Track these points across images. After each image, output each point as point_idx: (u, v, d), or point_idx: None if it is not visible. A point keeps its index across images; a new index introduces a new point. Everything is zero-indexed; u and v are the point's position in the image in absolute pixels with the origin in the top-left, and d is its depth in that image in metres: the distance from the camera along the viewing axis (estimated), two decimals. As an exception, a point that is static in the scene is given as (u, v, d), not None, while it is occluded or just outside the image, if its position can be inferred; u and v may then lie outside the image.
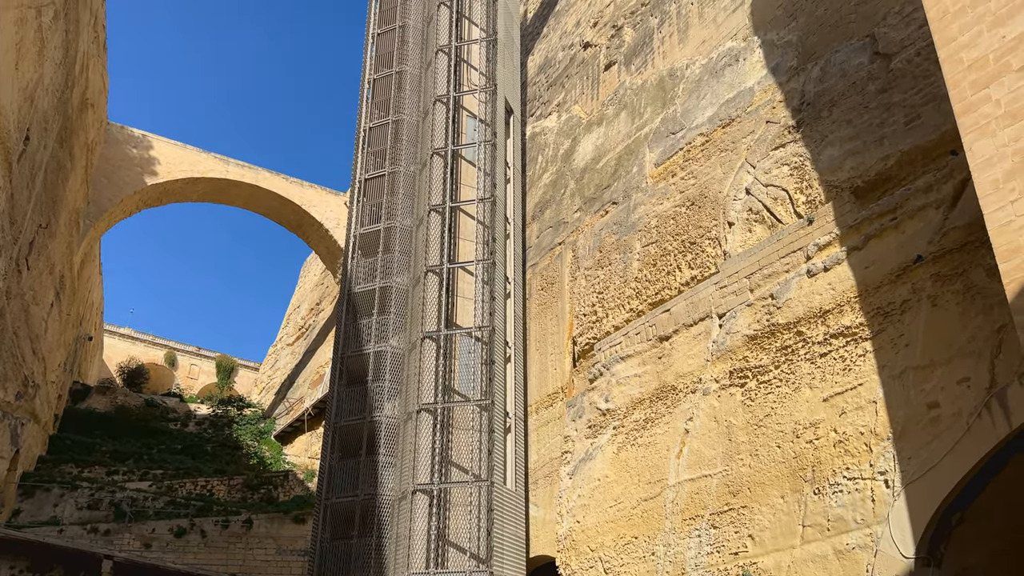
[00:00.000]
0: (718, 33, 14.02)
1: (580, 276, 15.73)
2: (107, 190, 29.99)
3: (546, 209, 18.26)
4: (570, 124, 18.63)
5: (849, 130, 10.27)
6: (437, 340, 14.57)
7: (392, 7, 19.18)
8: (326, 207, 36.59)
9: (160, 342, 64.64)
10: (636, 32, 17.09)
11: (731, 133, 12.62)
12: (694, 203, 12.91)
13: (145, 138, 32.12)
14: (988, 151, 6.72)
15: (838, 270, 9.72)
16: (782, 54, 12.10)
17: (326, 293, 43.06)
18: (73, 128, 21.77)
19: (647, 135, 15.12)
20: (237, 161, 34.60)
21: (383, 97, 18.60)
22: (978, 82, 6.96)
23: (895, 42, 10.01)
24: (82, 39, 20.21)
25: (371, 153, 18.29)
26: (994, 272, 7.43)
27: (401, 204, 17.22)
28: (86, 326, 39.63)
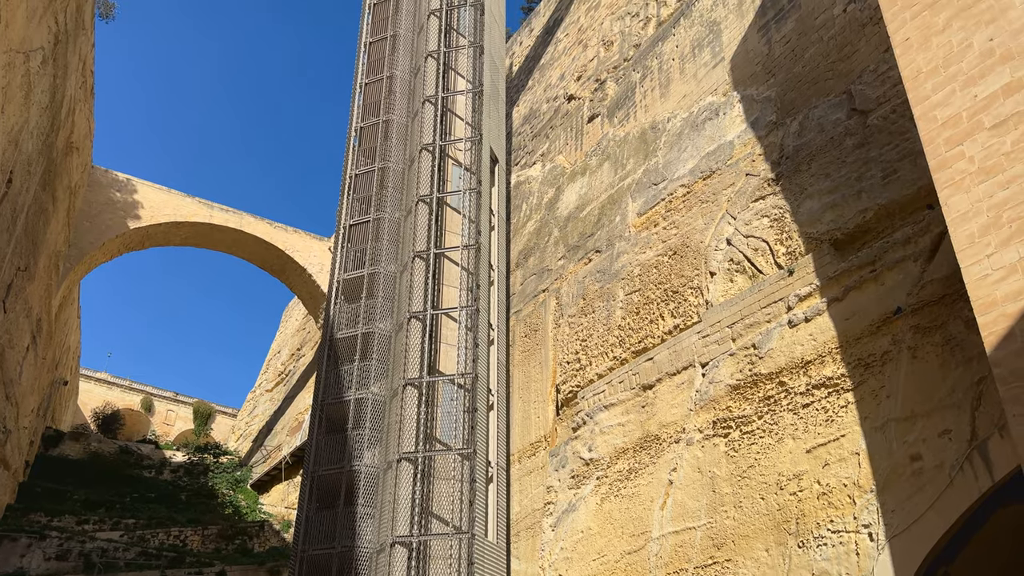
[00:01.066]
0: (699, 88, 14.34)
1: (564, 323, 15.73)
2: (89, 233, 29.81)
3: (530, 256, 18.35)
4: (554, 173, 18.86)
5: (828, 183, 10.46)
6: (419, 387, 14.43)
7: (380, 58, 19.49)
8: (310, 252, 36.55)
9: (137, 387, 63.56)
10: (619, 86, 17.45)
11: (712, 185, 12.82)
12: (676, 252, 13.03)
13: (129, 182, 32.10)
14: (963, 206, 6.86)
15: (819, 321, 9.79)
16: (761, 109, 12.38)
17: (307, 338, 42.72)
18: (57, 171, 21.73)
19: (630, 185, 15.32)
20: (221, 206, 34.61)
21: (369, 145, 18.76)
22: (952, 139, 7.15)
23: (871, 99, 10.29)
24: (69, 83, 20.32)
25: (356, 199, 18.36)
26: (973, 325, 7.52)
27: (385, 250, 17.23)
28: (62, 370, 38.95)
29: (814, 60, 11.65)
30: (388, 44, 19.31)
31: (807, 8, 12.21)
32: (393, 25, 19.43)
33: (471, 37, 18.89)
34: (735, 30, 13.89)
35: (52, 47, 16.78)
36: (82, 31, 20.92)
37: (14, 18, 13.34)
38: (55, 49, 17.14)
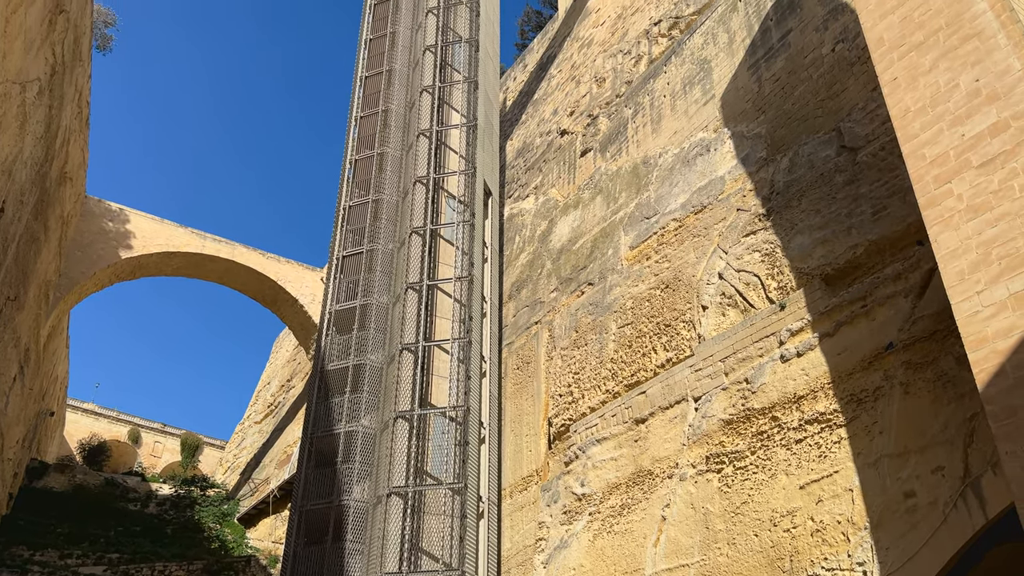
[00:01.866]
0: (690, 124, 14.51)
1: (556, 356, 15.69)
2: (80, 263, 29.69)
3: (523, 288, 18.36)
4: (547, 206, 18.96)
5: (818, 219, 10.55)
6: (411, 420, 14.31)
7: (375, 92, 19.67)
8: (302, 283, 36.47)
9: (124, 418, 62.83)
10: (611, 121, 17.65)
11: (703, 219, 12.91)
12: (668, 286, 13.06)
13: (122, 212, 32.08)
14: (953, 243, 6.92)
15: (811, 356, 9.80)
16: (752, 145, 12.52)
17: (297, 370, 42.43)
18: (50, 201, 21.72)
19: (622, 219, 15.41)
20: (214, 236, 34.58)
21: (364, 177, 18.84)
22: (941, 177, 7.24)
23: (860, 136, 10.42)
24: (65, 114, 20.40)
25: (350, 231, 18.38)
26: (964, 361, 7.54)
27: (378, 281, 17.21)
28: (49, 401, 38.50)
29: (803, 98, 11.82)
30: (384, 78, 19.51)
31: (796, 47, 12.43)
32: (389, 60, 19.65)
33: (466, 72, 19.11)
34: (725, 68, 14.10)
35: (49, 78, 16.88)
36: (79, 62, 21.07)
37: (11, 49, 13.43)
38: (52, 80, 17.24)
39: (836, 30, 11.68)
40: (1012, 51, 7.01)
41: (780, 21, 13.07)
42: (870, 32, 8.47)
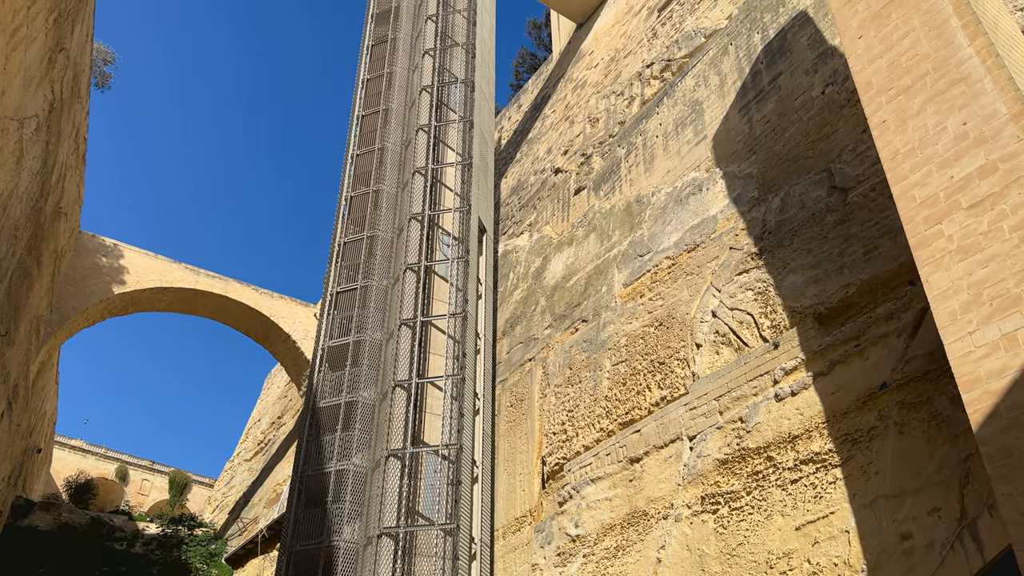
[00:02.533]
0: (682, 164, 14.67)
1: (550, 393, 15.62)
2: (73, 298, 29.58)
3: (517, 325, 18.34)
4: (541, 243, 19.05)
5: (810, 258, 10.62)
6: (403, 458, 14.16)
7: (372, 130, 19.86)
8: (295, 318, 36.36)
9: (112, 455, 61.98)
10: (604, 160, 17.83)
11: (696, 258, 12.98)
12: (662, 324, 13.07)
13: (116, 247, 32.07)
14: (944, 283, 6.97)
15: (805, 395, 9.78)
16: (743, 185, 12.65)
17: (289, 406, 42.07)
18: (44, 236, 21.71)
19: (616, 256, 15.48)
20: (207, 271, 34.55)
21: (359, 214, 18.92)
22: (931, 218, 7.32)
23: (851, 177, 10.55)
24: (62, 150, 20.51)
25: (344, 267, 18.40)
26: (958, 401, 7.53)
27: (372, 318, 17.18)
28: (36, 437, 38.01)
29: (794, 139, 11.99)
30: (380, 117, 19.72)
31: (786, 90, 12.64)
32: (386, 99, 19.88)
33: (461, 112, 19.33)
34: (717, 110, 14.31)
35: (47, 114, 17.00)
36: (77, 99, 21.25)
37: (10, 86, 13.55)
38: (50, 116, 17.36)
39: (825, 73, 11.90)
40: (998, 95, 7.15)
41: (770, 64, 13.31)
42: (859, 76, 8.63)
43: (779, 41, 13.37)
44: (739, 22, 14.96)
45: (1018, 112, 6.94)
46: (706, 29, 16.08)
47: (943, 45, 7.83)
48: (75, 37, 18.12)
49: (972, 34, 7.59)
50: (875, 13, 8.69)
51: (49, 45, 15.51)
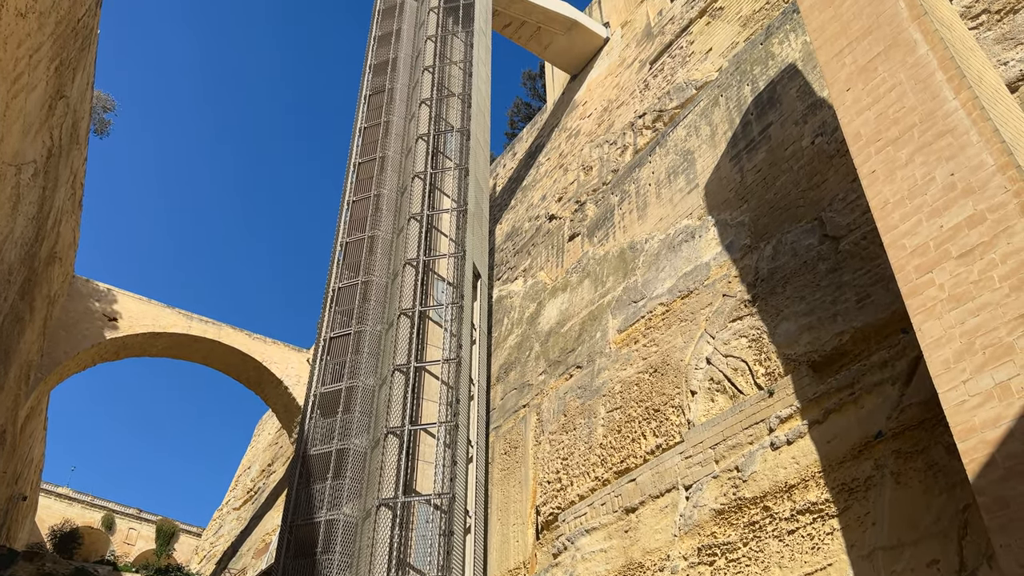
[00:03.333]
0: (675, 212, 14.81)
1: (544, 441, 15.47)
2: (64, 343, 29.37)
3: (511, 371, 18.26)
4: (536, 289, 19.09)
5: (803, 306, 10.66)
6: (394, 508, 13.94)
7: (368, 177, 20.05)
8: (287, 364, 36.11)
9: (99, 503, 60.82)
10: (598, 208, 18.00)
11: (690, 304, 13.01)
12: (657, 370, 13.03)
13: (110, 292, 31.99)
14: (936, 332, 6.99)
15: (801, 443, 9.71)
16: (735, 233, 12.76)
17: (279, 454, 41.52)
18: (37, 281, 21.67)
19: (610, 303, 15.50)
20: (200, 316, 34.42)
21: (354, 259, 18.97)
22: (922, 267, 7.37)
23: (842, 226, 10.66)
24: (59, 195, 20.60)
25: (338, 312, 18.37)
26: (954, 450, 7.49)
27: (365, 363, 17.08)
28: (22, 484, 37.32)
29: (785, 188, 12.14)
30: (377, 164, 19.92)
31: (776, 140, 12.84)
32: (383, 147, 20.12)
33: (457, 160, 19.56)
34: (708, 159, 14.52)
35: (45, 160, 17.12)
36: (76, 145, 21.43)
37: (10, 132, 13.67)
38: (48, 162, 17.48)
39: (815, 124, 12.11)
40: (984, 147, 7.27)
41: (760, 115, 13.55)
42: (847, 127, 8.78)
43: (769, 93, 13.63)
44: (729, 74, 15.28)
45: (1004, 163, 7.05)
46: (697, 81, 16.40)
47: (929, 98, 8.00)
48: (76, 85, 18.35)
49: (957, 87, 7.75)
50: (862, 67, 8.89)
51: (50, 92, 15.70)
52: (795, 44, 13.66)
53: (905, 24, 8.53)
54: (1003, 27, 10.18)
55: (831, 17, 9.58)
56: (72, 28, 15.43)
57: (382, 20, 22.78)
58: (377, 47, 22.19)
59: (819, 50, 9.62)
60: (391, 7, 22.93)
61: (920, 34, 8.31)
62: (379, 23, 22.75)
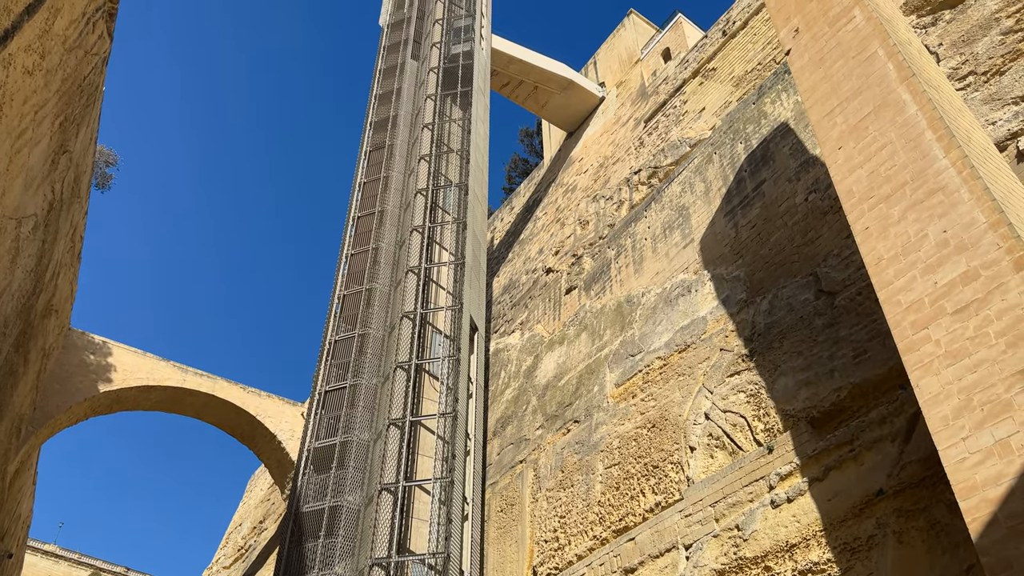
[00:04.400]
0: (670, 266, 14.90)
1: (541, 498, 15.22)
2: (57, 396, 29.09)
3: (508, 425, 18.08)
4: (533, 342, 19.04)
5: (800, 361, 10.64)
6: (387, 568, 13.63)
7: (367, 230, 20.20)
8: (281, 417, 35.74)
9: (86, 560, 59.39)
10: (595, 261, 18.10)
11: (687, 358, 12.98)
12: (655, 425, 12.92)
13: (105, 344, 31.83)
14: (934, 388, 6.96)
15: (801, 501, 9.57)
16: (731, 287, 12.82)
17: (271, 510, 40.76)
18: (33, 333, 21.59)
19: (607, 356, 15.46)
20: (195, 370, 34.20)
21: (352, 312, 18.97)
22: (917, 323, 7.38)
23: (837, 281, 10.72)
24: (58, 248, 20.69)
25: (334, 365, 18.27)
26: (956, 509, 7.39)
27: (360, 417, 16.92)
28: (8, 541, 36.48)
29: (780, 244, 12.24)
30: (376, 218, 20.10)
31: (770, 197, 13.01)
32: (382, 201, 20.34)
33: (455, 214, 19.75)
34: (703, 214, 14.68)
35: (45, 213, 17.25)
36: (77, 199, 21.62)
37: (11, 187, 13.80)
38: (48, 215, 17.61)
39: (808, 181, 12.29)
40: (975, 205, 7.37)
41: (754, 172, 13.76)
42: (840, 184, 8.90)
43: (762, 150, 13.87)
44: (722, 133, 15.56)
45: (996, 221, 7.14)
46: (691, 139, 16.70)
47: (919, 157, 8.13)
48: (79, 139, 18.62)
49: (947, 147, 7.89)
50: (853, 126, 9.07)
51: (53, 147, 15.92)
52: (787, 104, 13.95)
53: (894, 85, 8.73)
54: (990, 88, 10.43)
55: (821, 78, 9.81)
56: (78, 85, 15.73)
57: (383, 79, 23.29)
58: (378, 105, 22.63)
59: (810, 110, 9.83)
60: (392, 67, 23.47)
61: (909, 95, 8.50)
62: (380, 82, 23.25)
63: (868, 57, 9.22)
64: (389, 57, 23.80)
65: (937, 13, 11.89)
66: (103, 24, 15.41)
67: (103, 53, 16.61)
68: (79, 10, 13.21)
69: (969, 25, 11.22)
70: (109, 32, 16.03)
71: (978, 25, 11.09)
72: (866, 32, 9.41)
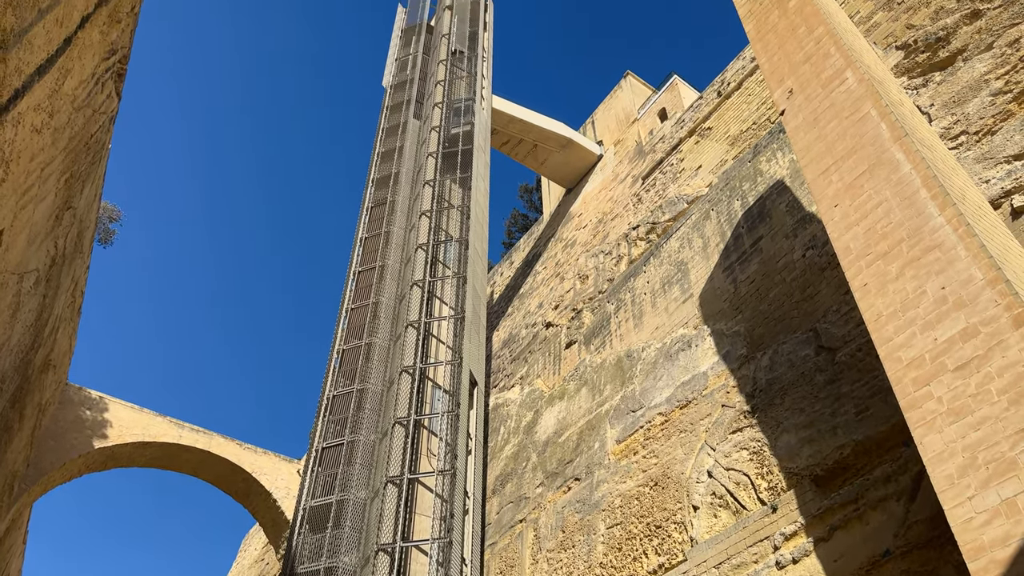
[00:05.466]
0: (670, 320, 14.91)
1: (542, 559, 14.91)
2: (51, 452, 28.74)
3: (507, 483, 17.82)
4: (532, 397, 18.92)
5: (802, 418, 10.56)
6: (384, 631, 13.26)
7: (367, 285, 20.29)
8: (277, 475, 35.25)
9: (73, 622, 57.74)
10: (595, 316, 18.12)
11: (689, 414, 12.88)
12: (657, 483, 12.74)
13: (102, 400, 31.60)
14: (938, 446, 6.90)
15: (807, 563, 9.38)
16: (731, 343, 12.80)
17: (265, 571, 39.86)
18: (30, 389, 21.45)
19: (608, 412, 15.34)
20: (192, 425, 33.87)
21: (350, 367, 18.90)
22: (919, 379, 7.36)
23: (837, 337, 10.71)
24: (58, 303, 20.71)
25: (332, 421, 18.12)
26: (964, 570, 7.24)
27: (357, 475, 16.69)
28: (-7, 603, 35.56)
29: (779, 299, 12.28)
30: (376, 273, 20.22)
31: (768, 253, 13.10)
32: (382, 256, 20.48)
33: (455, 268, 19.86)
34: (701, 270, 14.76)
35: (47, 268, 17.32)
36: (79, 254, 21.75)
37: (15, 243, 13.90)
38: (50, 270, 17.69)
39: (805, 237, 12.39)
40: (972, 262, 7.43)
41: (751, 228, 13.89)
42: (837, 241, 8.98)
43: (758, 207, 14.03)
44: (719, 190, 15.76)
45: (993, 278, 7.18)
46: (688, 196, 16.91)
47: (915, 214, 8.23)
48: (84, 196, 18.83)
49: (941, 205, 8.00)
50: (848, 184, 9.20)
51: (58, 203, 16.09)
52: (782, 162, 14.18)
53: (887, 145, 8.89)
54: (982, 147, 10.61)
55: (816, 138, 9.99)
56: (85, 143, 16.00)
57: (385, 138, 23.71)
58: (380, 163, 23.00)
59: (806, 168, 9.98)
60: (394, 126, 23.92)
61: (902, 154, 8.65)
62: (382, 140, 23.67)
63: (861, 117, 9.41)
64: (392, 117, 24.28)
65: (928, 75, 12.19)
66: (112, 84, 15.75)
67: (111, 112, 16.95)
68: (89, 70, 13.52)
69: (959, 86, 11.49)
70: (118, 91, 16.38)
71: (968, 86, 11.35)
72: (859, 93, 9.63)
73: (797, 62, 10.97)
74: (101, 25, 10.44)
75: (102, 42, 11.38)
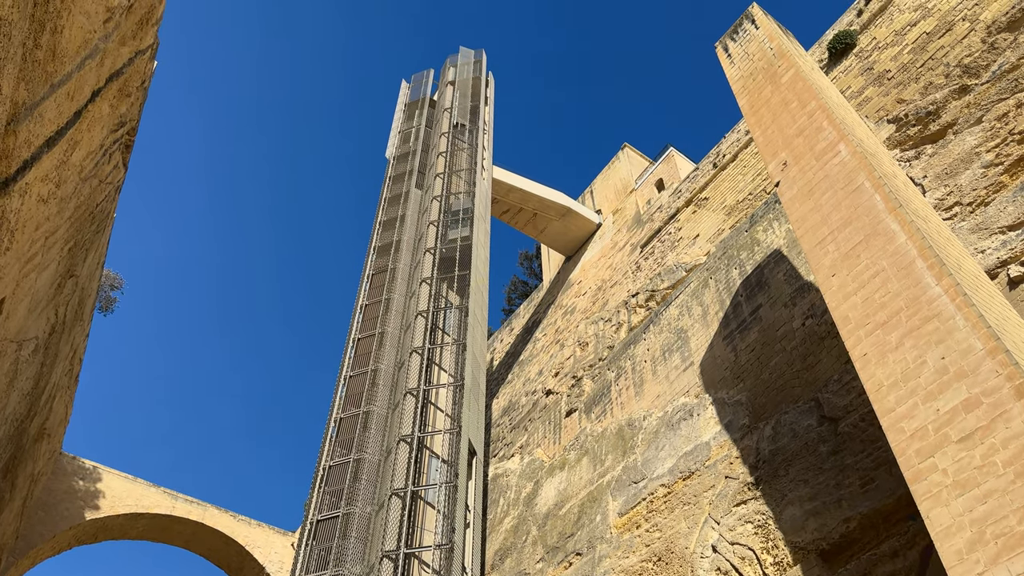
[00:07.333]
0: (671, 389, 14.80)
1: (542, 638, 14.40)
2: (42, 524, 28.09)
3: (507, 557, 17.36)
4: (532, 467, 18.61)
5: (807, 490, 10.36)
6: None
7: (366, 352, 20.22)
8: (271, 548, 34.36)
9: None
10: (595, 383, 17.99)
11: (692, 486, 12.65)
12: (661, 559, 12.41)
13: (95, 470, 31.08)
14: (945, 520, 6.75)
15: (817, 642, 9.06)
16: (733, 412, 12.68)
17: (259, 647, 38.38)
18: (23, 458, 21.14)
19: (609, 483, 15.07)
20: (185, 496, 33.22)
21: (348, 435, 18.66)
22: (923, 451, 7.26)
23: (839, 407, 10.61)
24: (56, 371, 20.60)
25: (328, 492, 17.77)
26: (980, 652, 6.96)
27: (352, 550, 16.27)
28: None
29: (779, 368, 12.22)
30: (375, 340, 20.19)
31: (767, 321, 13.10)
32: (382, 323, 20.48)
33: (455, 335, 19.83)
34: (701, 337, 14.73)
35: (47, 336, 17.30)
36: (79, 322, 21.76)
37: (15, 311, 13.92)
38: (49, 338, 17.66)
39: (804, 306, 12.42)
40: (971, 332, 7.42)
41: (750, 297, 13.93)
42: (836, 311, 8.99)
43: (756, 276, 14.10)
44: (717, 258, 15.88)
45: (993, 348, 7.16)
46: (687, 264, 17.02)
47: (912, 284, 8.26)
48: (86, 264, 18.97)
49: (938, 275, 8.04)
50: (845, 253, 9.27)
51: (60, 272, 16.19)
52: (779, 231, 14.32)
53: (882, 215, 9.00)
54: (976, 218, 10.74)
55: (811, 208, 10.12)
56: (90, 212, 16.21)
57: (387, 207, 24.05)
58: (382, 231, 23.27)
59: (802, 238, 10.07)
60: (396, 196, 24.29)
61: (897, 224, 8.75)
62: (384, 209, 24.00)
63: (855, 189, 9.56)
64: (394, 186, 24.68)
65: (919, 147, 12.44)
66: (119, 155, 16.06)
67: (117, 182, 17.24)
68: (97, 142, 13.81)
69: (951, 159, 11.71)
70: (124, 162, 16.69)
71: (960, 159, 11.57)
72: (852, 165, 9.80)
73: (791, 135, 11.21)
74: (111, 99, 10.71)
75: (111, 115, 11.65)
